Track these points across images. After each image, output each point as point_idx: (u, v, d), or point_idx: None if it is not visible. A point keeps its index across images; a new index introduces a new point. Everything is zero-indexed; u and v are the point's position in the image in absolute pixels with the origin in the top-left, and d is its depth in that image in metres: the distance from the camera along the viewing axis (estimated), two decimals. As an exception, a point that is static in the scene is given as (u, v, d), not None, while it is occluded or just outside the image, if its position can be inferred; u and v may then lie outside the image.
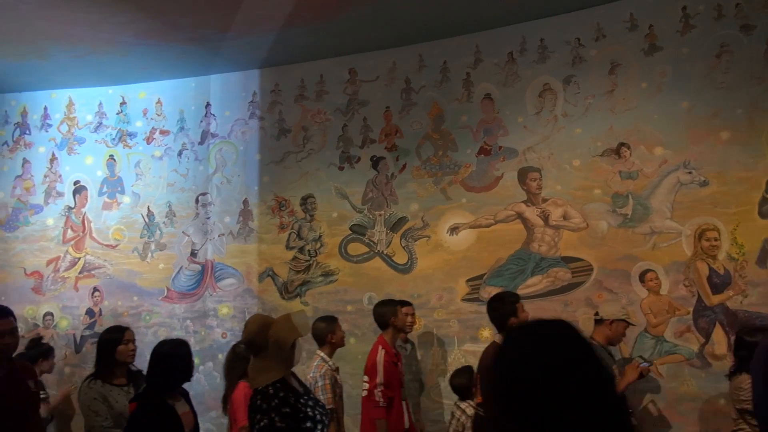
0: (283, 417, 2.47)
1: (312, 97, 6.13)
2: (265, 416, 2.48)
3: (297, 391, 2.67)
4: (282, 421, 2.46)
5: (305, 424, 2.52)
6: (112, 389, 3.59)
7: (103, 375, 3.64)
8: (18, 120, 6.86)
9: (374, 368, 4.28)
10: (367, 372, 4.35)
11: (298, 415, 2.51)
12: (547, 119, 5.30)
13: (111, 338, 3.73)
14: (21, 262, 6.65)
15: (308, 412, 2.57)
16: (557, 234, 5.18)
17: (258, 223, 6.17)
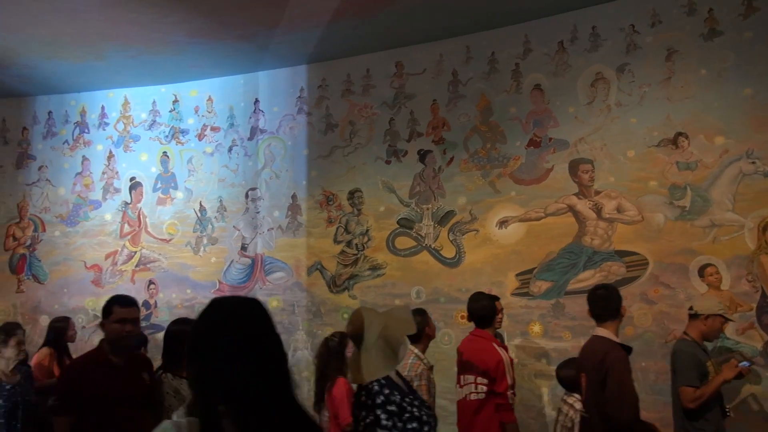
0: (389, 415, 2.40)
1: (359, 91, 6.14)
2: (370, 413, 2.42)
3: (402, 389, 2.57)
4: (388, 419, 2.39)
5: (411, 425, 2.42)
6: (182, 382, 3.44)
7: (173, 368, 3.50)
8: (77, 119, 7.14)
9: (501, 368, 3.84)
10: (486, 374, 3.87)
11: (404, 415, 2.42)
12: (600, 109, 5.15)
13: (182, 330, 3.56)
14: (81, 256, 6.93)
15: (414, 412, 2.46)
16: (611, 227, 5.04)
17: (306, 217, 6.24)
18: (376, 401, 2.42)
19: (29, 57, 6.05)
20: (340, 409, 3.74)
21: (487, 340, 4.03)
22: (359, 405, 2.49)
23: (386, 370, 2.52)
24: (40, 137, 7.20)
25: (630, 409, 3.20)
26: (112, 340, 3.16)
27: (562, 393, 4.22)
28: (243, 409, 1.42)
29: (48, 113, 7.19)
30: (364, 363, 2.52)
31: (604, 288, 3.72)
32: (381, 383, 2.49)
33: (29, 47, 5.83)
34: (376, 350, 2.52)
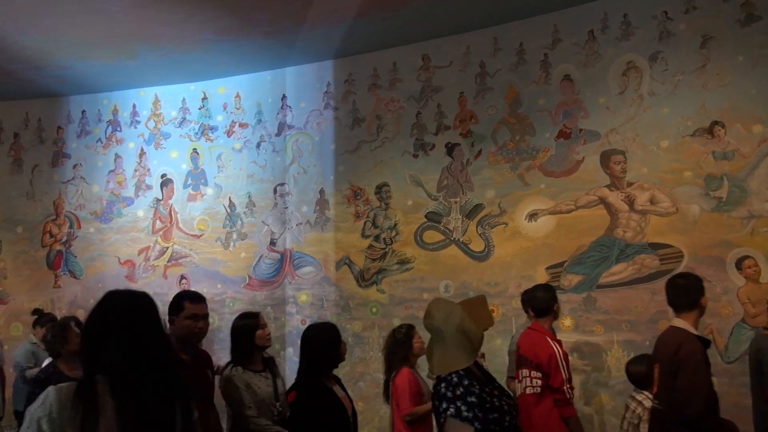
0: (469, 406, 2.37)
1: (385, 85, 6.13)
2: (450, 405, 2.38)
3: (481, 380, 2.53)
4: (468, 411, 2.36)
5: (492, 415, 2.39)
6: (253, 376, 3.45)
7: (243, 362, 3.49)
8: (110, 118, 7.28)
9: (554, 362, 3.77)
10: (539, 367, 3.81)
11: (485, 405, 2.39)
12: (632, 99, 5.05)
13: (248, 324, 3.56)
14: (115, 252, 7.08)
15: (495, 402, 2.43)
16: (644, 219, 4.94)
17: (334, 212, 6.26)
18: (456, 392, 2.41)
19: (63, 58, 6.19)
20: (401, 398, 3.74)
21: (542, 333, 3.95)
22: (439, 396, 2.46)
23: (464, 363, 2.47)
24: (74, 136, 7.36)
25: (701, 404, 3.05)
26: (183, 337, 3.06)
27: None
28: (115, 377, 1.79)
29: (82, 112, 7.35)
30: (442, 355, 2.50)
31: (683, 277, 3.53)
32: (460, 374, 2.45)
33: (63, 48, 5.96)
34: (455, 342, 2.48)
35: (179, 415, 1.91)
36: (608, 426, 4.88)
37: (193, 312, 3.06)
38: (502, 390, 2.58)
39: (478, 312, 2.56)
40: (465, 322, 2.48)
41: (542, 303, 4.08)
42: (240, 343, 3.53)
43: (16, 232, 7.37)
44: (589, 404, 4.97)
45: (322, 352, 3.16)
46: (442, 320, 2.51)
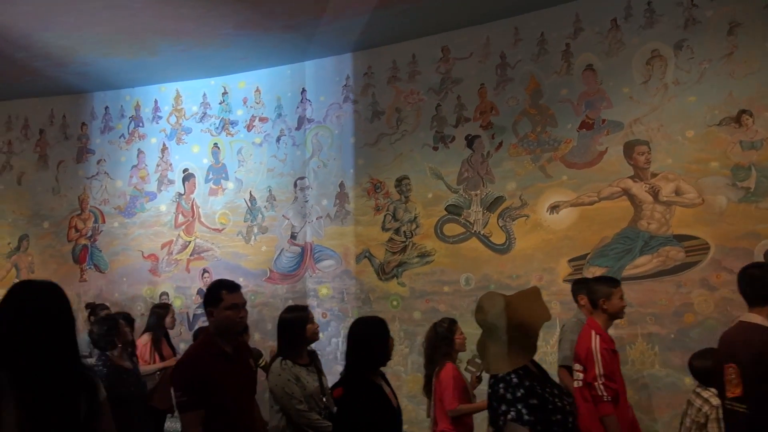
0: (531, 409, 2.21)
1: (405, 78, 6.10)
2: (511, 408, 2.22)
3: (539, 378, 2.37)
4: (530, 414, 2.20)
5: (555, 416, 2.23)
6: (302, 369, 3.41)
7: (291, 355, 3.43)
8: (132, 114, 7.37)
9: (590, 357, 3.62)
10: (580, 360, 3.71)
11: (547, 407, 2.24)
12: (656, 88, 4.95)
13: (300, 317, 3.49)
14: (139, 246, 7.17)
15: (557, 403, 2.27)
16: (668, 211, 4.85)
17: (354, 205, 6.26)
18: (516, 394, 2.25)
19: (86, 54, 6.27)
20: (446, 393, 3.67)
21: (588, 326, 3.81)
22: (498, 398, 2.30)
23: (522, 360, 2.33)
24: (98, 132, 7.47)
25: None
26: (225, 328, 2.98)
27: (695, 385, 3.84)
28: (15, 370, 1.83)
29: (105, 108, 7.45)
30: (497, 353, 2.36)
31: (757, 267, 3.23)
32: (519, 374, 2.30)
33: (86, 45, 6.04)
34: (511, 339, 2.33)
35: (84, 403, 1.97)
36: (632, 420, 4.82)
37: (233, 302, 2.98)
38: (560, 389, 2.43)
39: (533, 305, 2.41)
40: (521, 316, 2.34)
41: (592, 294, 3.88)
42: (290, 337, 3.46)
43: (43, 227, 7.51)
44: (613, 398, 4.91)
45: (370, 347, 3.05)
46: (496, 315, 2.36)
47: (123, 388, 3.84)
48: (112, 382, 3.77)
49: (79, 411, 1.96)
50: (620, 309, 3.82)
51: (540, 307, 2.43)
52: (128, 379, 3.95)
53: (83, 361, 2.13)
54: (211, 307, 2.97)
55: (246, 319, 3.09)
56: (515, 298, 2.44)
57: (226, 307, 2.94)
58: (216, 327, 2.99)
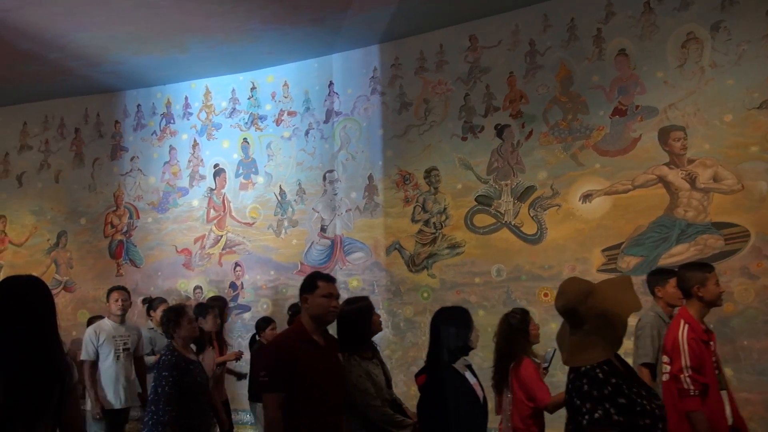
0: (619, 409, 1.99)
1: (432, 68, 6.06)
2: (597, 406, 2.01)
3: (624, 375, 2.15)
4: (619, 414, 1.98)
5: (643, 420, 2.00)
6: (369, 364, 3.31)
7: (357, 350, 3.34)
8: (163, 111, 7.48)
9: (676, 347, 3.38)
10: (666, 352, 3.50)
11: (635, 408, 2.01)
12: (692, 72, 4.82)
13: (362, 308, 3.40)
14: (172, 241, 7.30)
15: (645, 405, 2.04)
16: (706, 198, 4.73)
17: (383, 197, 6.26)
18: (603, 392, 2.03)
19: (118, 53, 6.39)
20: (537, 390, 3.49)
21: (679, 315, 3.55)
22: (581, 394, 2.08)
23: (604, 354, 2.13)
24: (130, 129, 7.61)
25: None
26: (318, 316, 3.02)
27: None
28: None
29: (137, 106, 7.58)
30: (578, 344, 2.16)
31: None
32: (605, 369, 2.08)
33: (118, 44, 6.15)
34: (593, 329, 2.13)
35: (58, 388, 2.16)
36: (670, 412, 4.73)
37: (328, 291, 3.02)
38: (649, 390, 2.19)
39: (621, 294, 2.18)
40: (606, 305, 2.13)
41: (683, 282, 3.61)
42: (356, 330, 3.35)
43: (80, 224, 7.70)
44: (650, 389, 4.83)
45: (453, 336, 3.00)
46: (579, 302, 2.15)
47: (188, 378, 3.86)
48: (178, 372, 3.82)
49: (52, 396, 2.13)
50: (717, 295, 3.53)
51: (629, 296, 2.20)
52: (194, 370, 3.95)
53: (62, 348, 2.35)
54: (307, 293, 3.03)
55: (338, 311, 3.11)
56: (602, 285, 2.24)
57: (322, 294, 3.00)
58: (309, 313, 3.03)
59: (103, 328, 5.08)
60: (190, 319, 4.07)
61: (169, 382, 3.83)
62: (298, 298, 3.16)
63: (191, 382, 3.88)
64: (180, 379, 3.82)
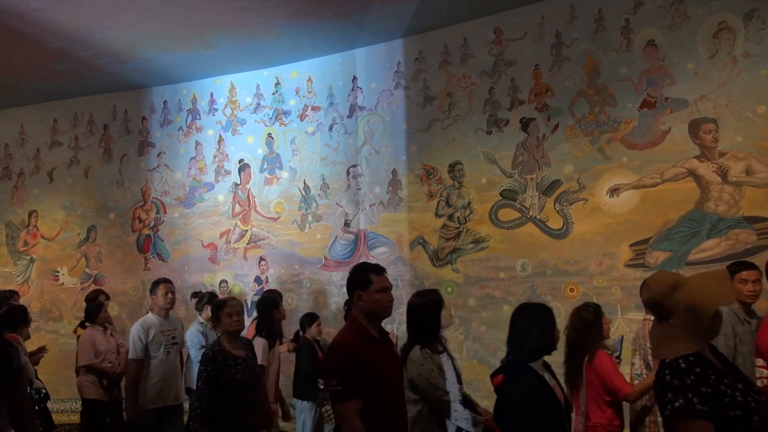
0: (703, 399, 1.95)
1: (456, 61, 6.02)
2: (678, 395, 1.97)
3: (717, 368, 2.10)
4: (702, 404, 1.94)
5: (734, 412, 1.95)
6: (440, 357, 3.22)
7: (427, 343, 3.24)
8: (189, 107, 7.57)
9: None
10: (762, 354, 3.33)
11: (723, 399, 1.96)
12: (724, 62, 4.70)
13: (432, 301, 3.30)
14: (199, 235, 7.40)
15: (737, 398, 1.97)
16: (738, 191, 4.62)
17: (407, 192, 6.25)
18: (685, 381, 2.01)
19: (146, 50, 6.48)
20: (616, 381, 3.44)
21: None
22: (663, 385, 2.07)
23: (692, 346, 2.10)
24: (157, 125, 7.72)
25: None
26: (374, 312, 2.86)
27: None
28: None
29: (163, 102, 7.68)
30: (664, 336, 2.16)
31: None
32: (689, 360, 2.06)
33: (145, 41, 6.23)
34: (680, 322, 2.12)
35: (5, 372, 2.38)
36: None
37: (382, 285, 2.87)
38: (749, 384, 2.12)
39: (714, 287, 2.14)
40: (693, 298, 2.10)
41: None
42: (425, 323, 3.25)
43: (109, 218, 7.85)
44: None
45: (534, 335, 2.84)
46: (664, 295, 2.14)
47: (226, 375, 3.78)
48: (213, 367, 3.77)
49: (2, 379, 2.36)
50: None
51: (721, 289, 2.14)
52: (235, 367, 3.83)
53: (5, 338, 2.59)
54: (360, 290, 2.86)
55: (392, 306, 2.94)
56: (692, 279, 2.20)
57: (377, 290, 2.84)
58: (365, 311, 2.86)
59: (150, 323, 4.87)
60: (229, 313, 3.93)
61: (202, 377, 3.80)
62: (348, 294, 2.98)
63: (229, 379, 3.78)
64: (216, 375, 3.76)
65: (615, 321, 5.05)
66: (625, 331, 4.95)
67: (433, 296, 3.40)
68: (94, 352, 5.33)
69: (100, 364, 5.34)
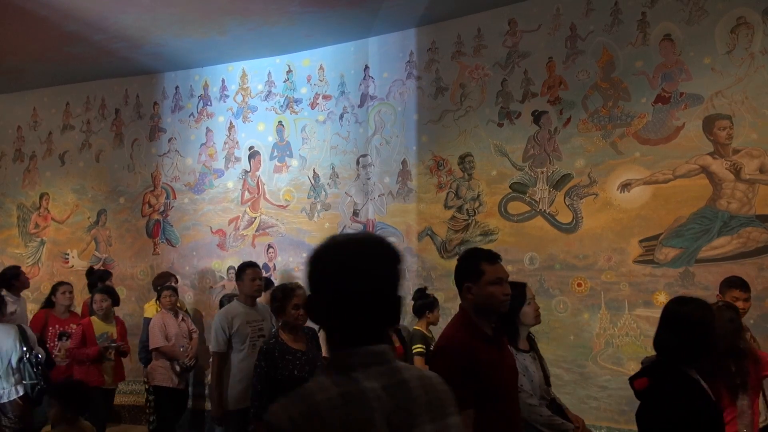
0: None
1: (469, 52, 5.98)
2: None
3: None
4: None
5: None
6: (526, 357, 2.94)
7: (513, 340, 2.94)
8: (201, 93, 7.58)
9: None
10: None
11: None
12: (742, 58, 4.64)
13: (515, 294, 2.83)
14: (208, 221, 7.42)
15: None
16: (751, 189, 4.57)
17: (417, 182, 6.23)
18: None
19: (160, 35, 6.48)
20: None
21: None
22: None
23: None
24: (169, 111, 7.73)
25: None
26: (487, 306, 2.52)
27: None
28: None
29: (175, 88, 7.69)
30: None
31: None
32: None
33: (160, 26, 6.23)
34: None
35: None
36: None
37: (496, 275, 2.52)
38: None
39: None
40: None
41: None
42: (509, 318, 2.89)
43: (119, 203, 7.89)
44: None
45: (694, 334, 2.46)
46: None
47: (283, 371, 3.53)
48: (267, 363, 3.54)
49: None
50: None
51: None
52: (293, 361, 3.56)
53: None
54: (470, 282, 2.53)
55: (509, 299, 2.57)
56: None
57: (490, 281, 2.49)
58: (476, 305, 2.52)
59: (236, 312, 4.42)
60: (297, 304, 3.64)
61: (257, 372, 3.55)
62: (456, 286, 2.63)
63: (286, 375, 3.49)
64: (270, 371, 3.50)
65: (622, 317, 5.04)
66: (632, 327, 4.94)
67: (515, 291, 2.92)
68: (164, 336, 5.41)
69: (171, 347, 5.37)
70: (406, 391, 1.32)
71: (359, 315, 1.35)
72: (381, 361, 1.33)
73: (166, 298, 5.79)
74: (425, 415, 1.32)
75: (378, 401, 1.26)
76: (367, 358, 1.32)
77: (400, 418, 1.28)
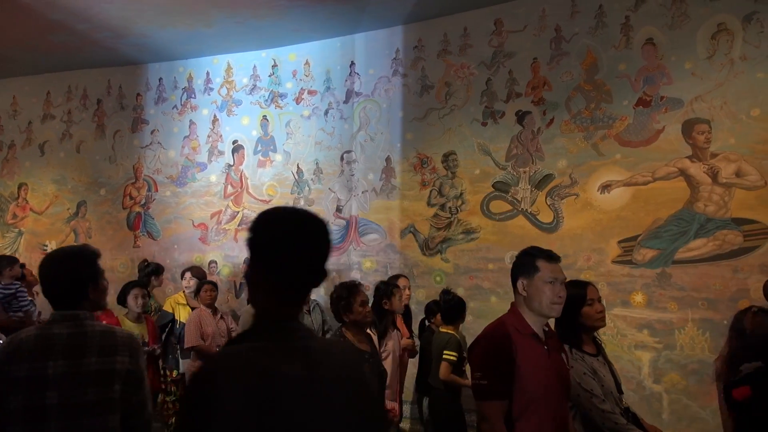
0: None
1: (455, 51, 6.01)
2: None
3: None
4: None
5: None
6: (594, 360, 2.74)
7: (578, 343, 2.75)
8: (185, 85, 7.52)
9: None
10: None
11: None
12: (722, 63, 4.72)
13: (575, 296, 2.67)
14: (190, 215, 7.37)
15: None
16: (728, 193, 4.66)
17: (400, 180, 6.25)
18: None
19: (145, 26, 6.41)
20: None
21: None
22: None
23: None
24: (152, 103, 7.66)
25: None
26: (539, 309, 2.40)
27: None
28: None
29: (159, 80, 7.62)
30: None
31: None
32: None
33: (145, 17, 6.17)
34: None
35: None
36: (678, 405, 4.71)
37: (552, 275, 2.39)
38: None
39: None
40: None
41: None
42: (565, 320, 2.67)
43: (100, 194, 7.80)
44: (659, 382, 4.81)
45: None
46: None
47: None
48: None
49: None
50: None
51: None
52: None
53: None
54: (523, 276, 2.42)
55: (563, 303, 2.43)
56: None
57: (544, 280, 2.37)
58: (528, 302, 2.42)
59: None
60: (363, 301, 3.45)
61: None
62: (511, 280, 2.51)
63: None
64: None
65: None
66: (609, 326, 5.01)
67: (574, 291, 2.68)
68: (200, 334, 5.01)
69: (207, 346, 4.96)
70: (83, 334, 2.14)
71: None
72: None
73: (206, 293, 5.26)
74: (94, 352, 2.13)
75: None
76: None
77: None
